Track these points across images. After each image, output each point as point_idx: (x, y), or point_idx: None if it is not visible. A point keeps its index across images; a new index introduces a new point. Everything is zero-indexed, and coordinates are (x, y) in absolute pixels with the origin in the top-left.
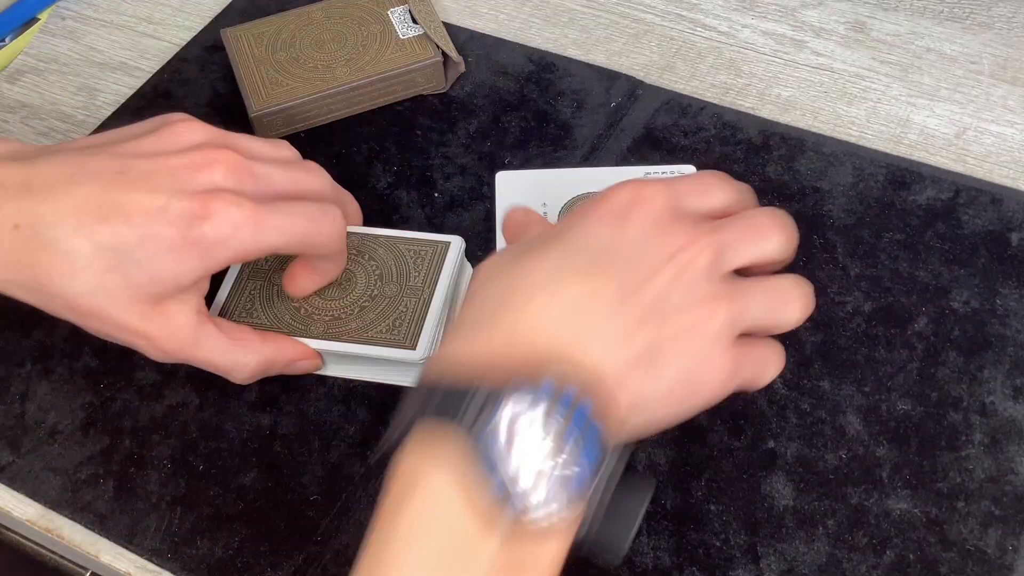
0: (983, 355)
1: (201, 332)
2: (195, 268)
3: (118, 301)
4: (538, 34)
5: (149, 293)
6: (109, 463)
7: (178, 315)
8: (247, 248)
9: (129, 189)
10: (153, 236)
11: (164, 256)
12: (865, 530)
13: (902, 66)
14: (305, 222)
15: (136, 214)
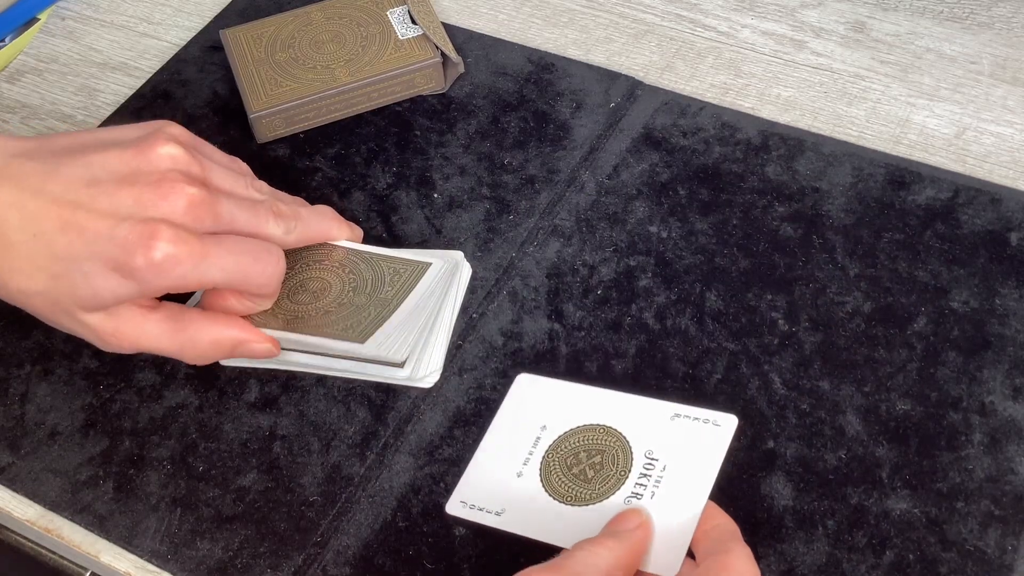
0: (983, 355)
1: (144, 324)
2: (133, 290)
3: (64, 304)
4: (538, 34)
5: (92, 302)
6: (109, 464)
7: (122, 313)
8: (186, 281)
9: (91, 205)
10: (99, 255)
11: (106, 275)
12: (865, 530)
13: (902, 66)
14: (249, 261)
15: (90, 231)
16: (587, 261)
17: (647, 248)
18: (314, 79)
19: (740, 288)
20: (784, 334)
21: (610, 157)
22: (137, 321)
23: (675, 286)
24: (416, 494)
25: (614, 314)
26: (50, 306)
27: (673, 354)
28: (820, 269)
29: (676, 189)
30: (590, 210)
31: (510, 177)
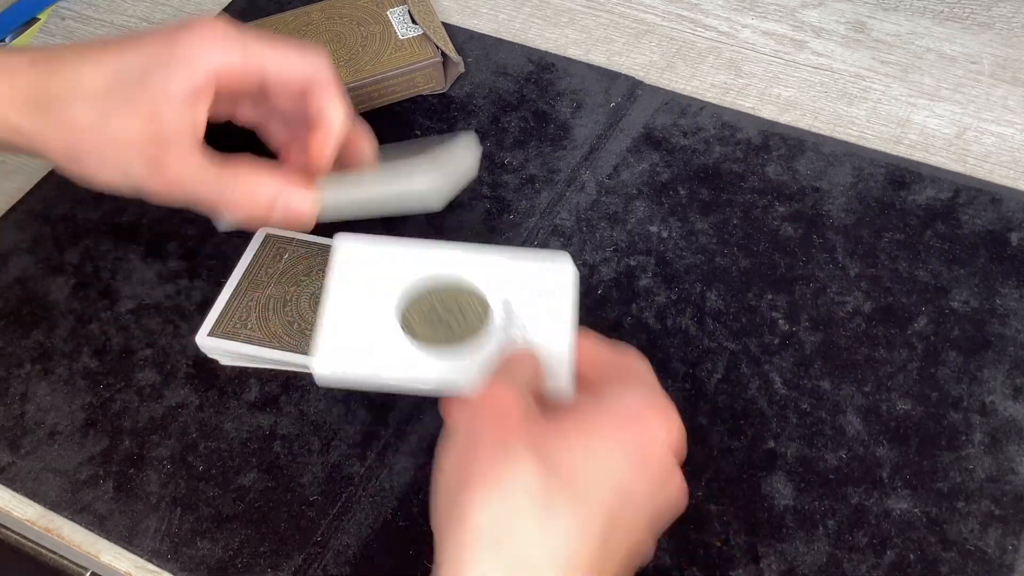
0: (983, 355)
1: (191, 149)
2: (182, 76)
3: (116, 112)
4: (538, 34)
5: (144, 104)
6: (109, 464)
7: (170, 126)
8: (232, 59)
9: (129, 37)
10: (144, 48)
11: (152, 64)
12: (865, 530)
13: (902, 66)
14: (286, 48)
15: (131, 40)
16: (587, 261)
17: (647, 248)
18: None
19: (740, 288)
20: (784, 334)
21: (610, 157)
22: (185, 145)
23: (675, 286)
24: (416, 494)
25: (614, 314)
26: (103, 133)
27: (673, 354)
28: (820, 269)
29: (676, 189)
30: (590, 210)
31: (510, 177)
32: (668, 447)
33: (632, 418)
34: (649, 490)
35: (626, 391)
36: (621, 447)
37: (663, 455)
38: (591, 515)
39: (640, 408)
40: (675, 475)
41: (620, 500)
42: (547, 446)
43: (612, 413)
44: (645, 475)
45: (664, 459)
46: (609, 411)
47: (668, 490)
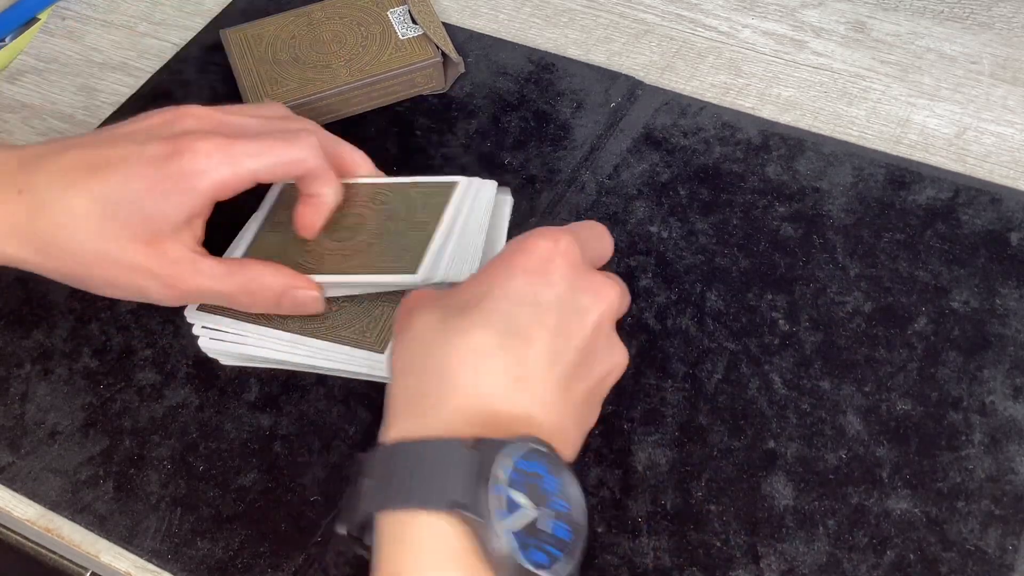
0: (983, 355)
1: (199, 263)
2: (181, 203)
3: (118, 243)
4: (538, 34)
5: (144, 233)
6: (109, 464)
7: (175, 250)
8: (224, 176)
9: (112, 146)
10: (135, 178)
11: (148, 196)
12: (865, 530)
13: (902, 66)
14: (273, 142)
15: (118, 163)
16: None
17: (647, 248)
18: (314, 79)
19: (740, 288)
20: (784, 334)
21: (610, 157)
22: (191, 258)
23: (675, 286)
24: None
25: None
26: (101, 256)
27: (673, 354)
28: (820, 269)
29: (676, 189)
30: (590, 210)
31: (510, 177)
32: (568, 265)
33: (520, 243)
34: (558, 301)
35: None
36: (510, 267)
37: (565, 270)
38: (490, 315)
39: (528, 236)
40: (590, 290)
41: (526, 307)
42: (448, 297)
43: (503, 252)
44: (548, 285)
45: (568, 274)
46: (500, 254)
47: (586, 318)
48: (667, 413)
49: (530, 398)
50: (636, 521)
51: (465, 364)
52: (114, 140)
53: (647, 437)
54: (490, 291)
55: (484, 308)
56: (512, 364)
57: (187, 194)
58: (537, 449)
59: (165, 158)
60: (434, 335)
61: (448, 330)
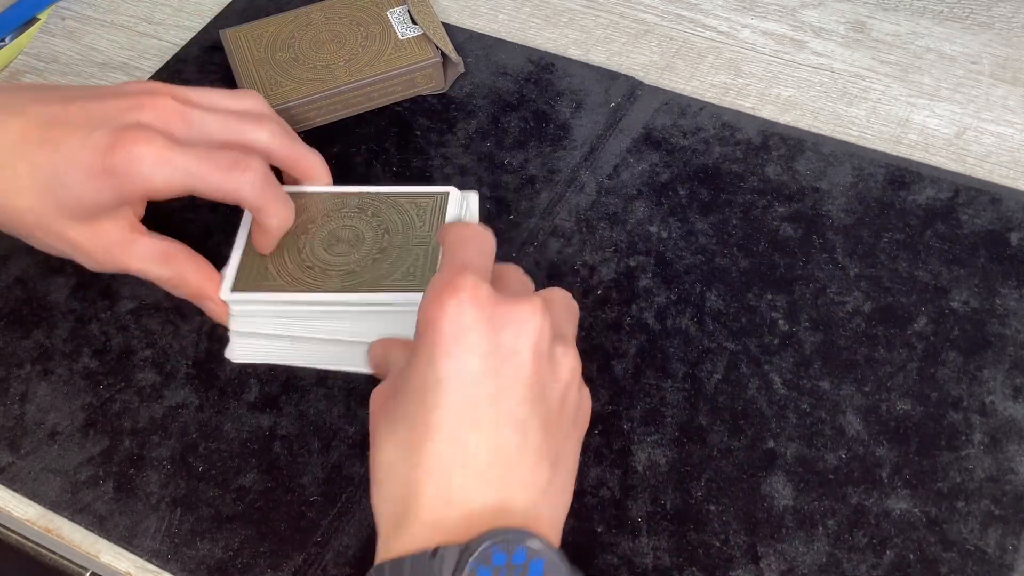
0: (983, 355)
1: (135, 244)
2: (112, 195)
3: (53, 217)
4: (538, 34)
5: (79, 213)
6: (109, 464)
7: (110, 230)
8: (156, 183)
9: (65, 122)
10: (75, 162)
11: (85, 181)
12: (865, 530)
13: (902, 66)
14: (212, 168)
15: (64, 143)
16: (587, 261)
17: (647, 248)
18: (314, 79)
19: (740, 288)
20: (784, 334)
21: (610, 157)
22: (129, 242)
23: (675, 286)
24: None
25: (614, 314)
26: (40, 223)
27: (673, 354)
28: (820, 269)
29: (676, 189)
30: (590, 210)
31: (510, 177)
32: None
33: (428, 318)
34: (485, 364)
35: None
36: (431, 357)
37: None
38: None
39: (431, 301)
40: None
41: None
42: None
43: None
44: (471, 354)
45: (484, 326)
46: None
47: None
48: (667, 413)
49: (497, 485)
50: (636, 521)
51: (431, 476)
52: (69, 113)
53: (647, 437)
54: (425, 396)
55: (430, 421)
56: (471, 460)
57: (119, 190)
58: (507, 539)
59: (104, 150)
60: (397, 454)
61: (408, 449)
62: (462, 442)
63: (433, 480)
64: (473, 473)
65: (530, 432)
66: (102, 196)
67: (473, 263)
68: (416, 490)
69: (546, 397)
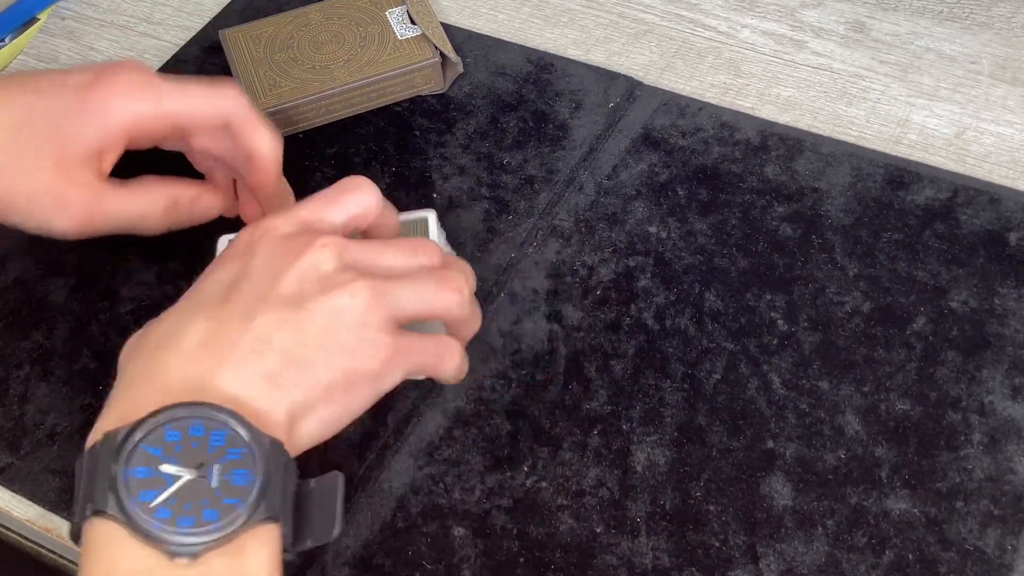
0: (982, 355)
1: (104, 188)
2: (95, 130)
3: (30, 154)
4: (537, 34)
5: (55, 151)
6: None
7: (82, 175)
8: (141, 111)
9: (43, 76)
10: (56, 98)
11: (65, 116)
12: (864, 530)
13: (902, 66)
14: (197, 87)
15: (46, 87)
16: (586, 262)
17: (646, 248)
18: (313, 79)
19: (739, 288)
20: (783, 334)
21: (609, 157)
22: (98, 187)
23: (674, 286)
24: (415, 494)
25: (613, 314)
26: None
27: (672, 354)
28: (819, 269)
29: (675, 189)
30: (589, 210)
31: (509, 177)
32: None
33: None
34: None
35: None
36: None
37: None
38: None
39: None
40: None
41: (215, 285)
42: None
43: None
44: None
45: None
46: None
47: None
48: (666, 413)
49: (217, 368)
50: (635, 521)
51: (154, 348)
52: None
53: (646, 437)
54: (195, 287)
55: (184, 301)
56: (196, 336)
57: (102, 121)
58: (187, 414)
59: (86, 86)
60: (137, 338)
61: (147, 328)
62: (181, 326)
63: (140, 360)
64: (179, 352)
65: (260, 325)
66: (83, 130)
67: (314, 217)
68: (125, 372)
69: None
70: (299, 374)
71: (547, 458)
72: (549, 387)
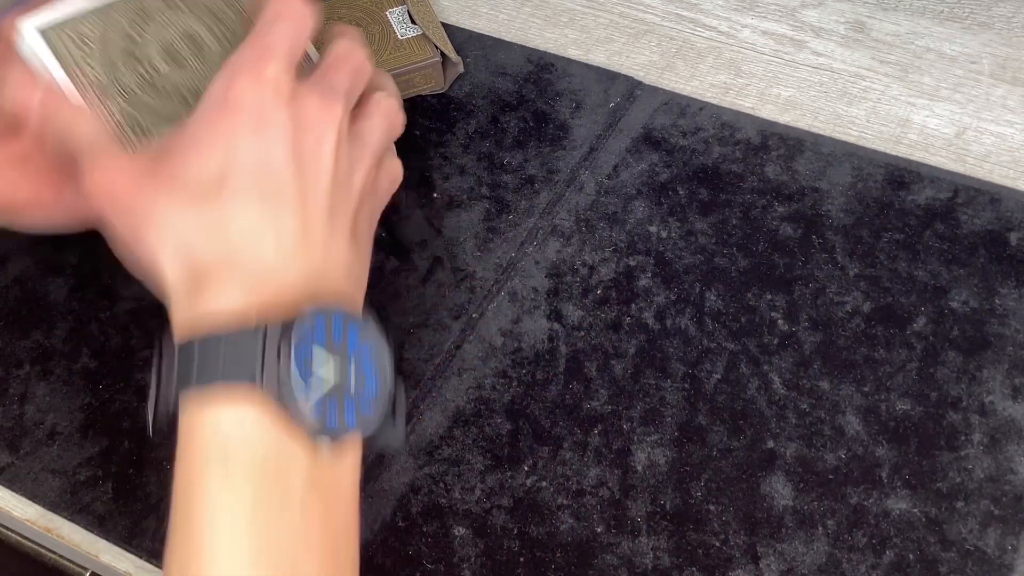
0: (982, 355)
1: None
2: None
3: None
4: (538, 34)
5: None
6: (108, 464)
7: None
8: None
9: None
10: None
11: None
12: (865, 530)
13: (902, 66)
14: None
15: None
16: (587, 261)
17: (647, 248)
18: None
19: (740, 288)
20: (784, 334)
21: (610, 157)
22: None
23: (675, 286)
24: (416, 494)
25: (614, 314)
26: None
27: (673, 354)
28: (820, 269)
29: (676, 189)
30: (590, 210)
31: (509, 177)
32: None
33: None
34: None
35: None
36: (231, 134)
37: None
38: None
39: (229, 85)
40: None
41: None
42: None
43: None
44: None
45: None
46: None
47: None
48: (666, 413)
49: (305, 261)
50: (636, 521)
51: (244, 245)
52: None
53: (647, 437)
54: (223, 168)
55: (229, 188)
56: (282, 239)
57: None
58: (327, 311)
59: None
60: (189, 218)
61: (209, 218)
62: (272, 222)
63: (246, 250)
64: (284, 249)
65: (337, 218)
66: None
67: (280, 48)
68: (225, 257)
69: (349, 183)
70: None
71: (547, 458)
72: (549, 386)
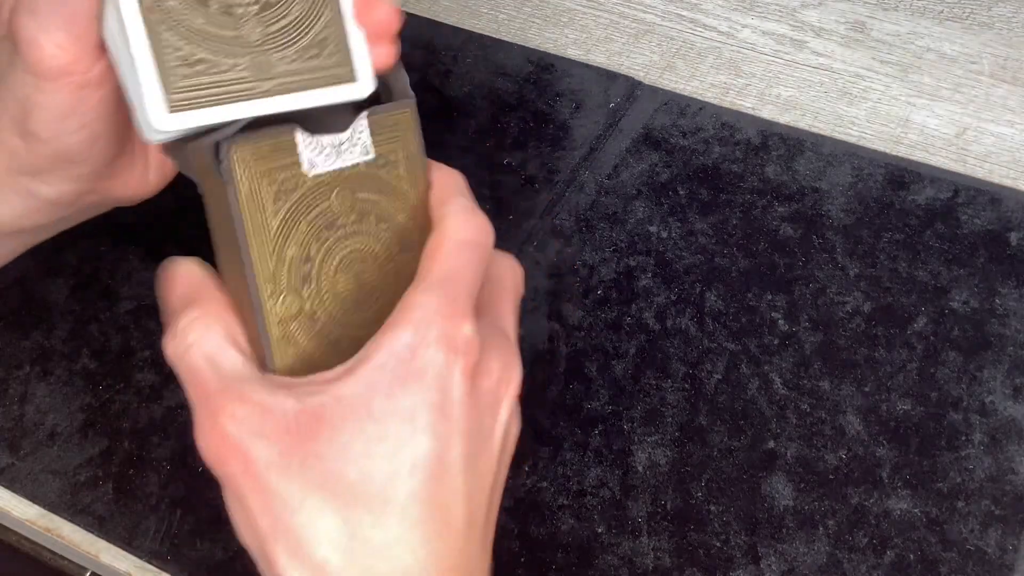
0: (983, 355)
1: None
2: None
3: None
4: (538, 34)
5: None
6: (108, 465)
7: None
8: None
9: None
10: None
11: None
12: (865, 530)
13: (902, 66)
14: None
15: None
16: (587, 261)
17: (647, 248)
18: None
19: (740, 288)
20: (784, 334)
21: (610, 157)
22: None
23: (675, 286)
24: None
25: (614, 314)
26: None
27: (673, 354)
28: (820, 269)
29: (676, 189)
30: (590, 210)
31: (509, 177)
32: (471, 380)
33: (410, 359)
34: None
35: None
36: (413, 410)
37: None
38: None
39: (419, 346)
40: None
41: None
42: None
43: (383, 366)
44: (451, 423)
45: (472, 393)
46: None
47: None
48: (667, 413)
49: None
50: (636, 521)
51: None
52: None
53: (647, 437)
54: (394, 466)
55: (399, 503)
56: (436, 563)
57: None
58: None
59: None
60: (342, 539)
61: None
62: (431, 551)
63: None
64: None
65: (489, 527)
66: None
67: (472, 293)
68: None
69: (503, 469)
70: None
71: (548, 458)
72: (550, 387)
